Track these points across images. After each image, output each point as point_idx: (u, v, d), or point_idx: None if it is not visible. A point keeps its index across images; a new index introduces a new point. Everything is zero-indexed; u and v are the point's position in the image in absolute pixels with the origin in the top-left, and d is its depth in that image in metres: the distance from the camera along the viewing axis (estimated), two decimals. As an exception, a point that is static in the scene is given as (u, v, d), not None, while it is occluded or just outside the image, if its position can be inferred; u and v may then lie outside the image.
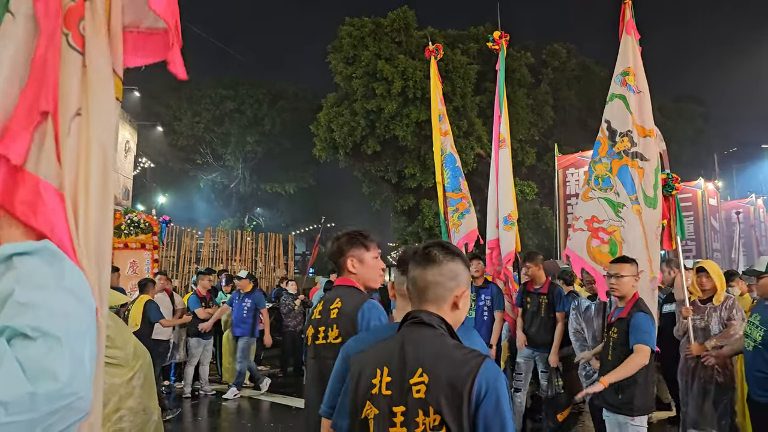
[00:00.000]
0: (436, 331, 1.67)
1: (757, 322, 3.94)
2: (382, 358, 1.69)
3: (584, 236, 4.71)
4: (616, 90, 5.06)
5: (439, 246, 1.76)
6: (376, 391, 1.65)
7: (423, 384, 1.57)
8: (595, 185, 4.86)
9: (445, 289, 1.71)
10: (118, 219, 10.07)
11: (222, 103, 30.21)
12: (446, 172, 7.22)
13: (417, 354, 1.63)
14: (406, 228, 19.03)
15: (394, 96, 16.78)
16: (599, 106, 26.76)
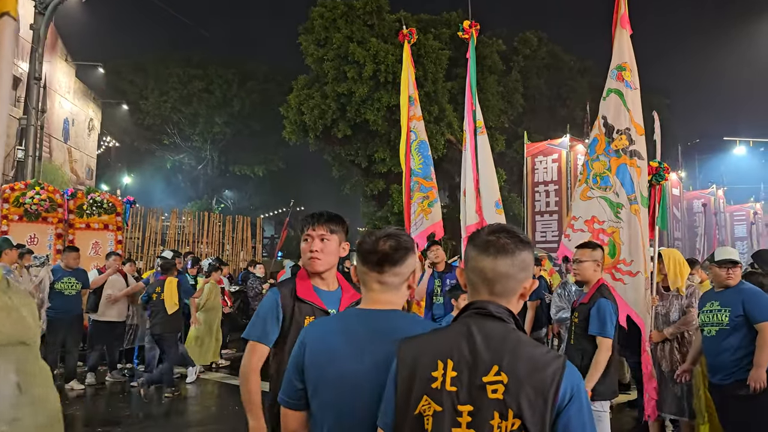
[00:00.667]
0: (507, 326, 1.55)
1: (718, 307, 4.04)
2: (442, 349, 1.53)
3: (584, 237, 4.62)
4: (611, 85, 4.96)
5: (506, 232, 1.61)
6: (437, 386, 1.50)
7: (501, 384, 1.45)
8: (594, 184, 4.78)
9: (516, 281, 1.59)
10: (81, 199, 9.82)
11: (190, 82, 29.65)
12: (419, 158, 7.16)
13: (490, 349, 1.50)
14: (376, 213, 19.03)
15: (365, 80, 16.67)
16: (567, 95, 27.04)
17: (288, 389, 1.87)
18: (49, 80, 19.21)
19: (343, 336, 1.80)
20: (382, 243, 1.83)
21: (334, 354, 1.78)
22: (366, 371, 1.72)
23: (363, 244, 1.88)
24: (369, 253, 1.83)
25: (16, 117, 17.03)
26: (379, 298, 1.85)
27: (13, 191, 9.28)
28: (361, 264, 1.88)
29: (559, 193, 16.37)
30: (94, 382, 7.95)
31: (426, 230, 6.89)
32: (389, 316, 1.83)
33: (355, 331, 1.80)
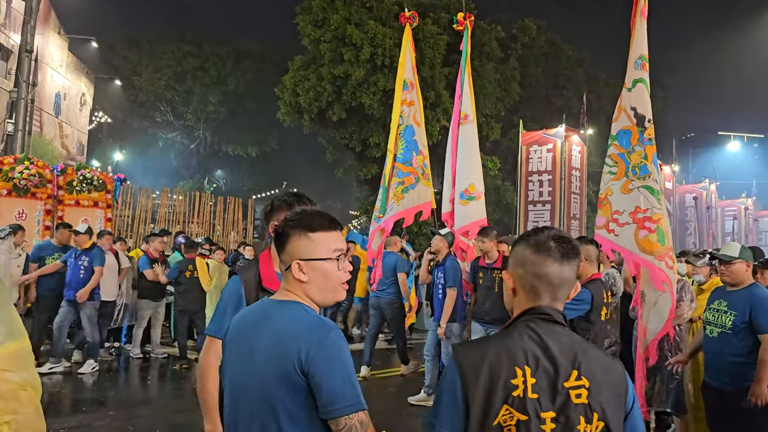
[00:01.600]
0: (567, 329, 1.57)
1: (724, 308, 3.93)
2: (517, 356, 1.49)
3: (631, 229, 4.61)
4: (636, 75, 4.92)
5: (566, 238, 1.63)
6: (519, 393, 1.46)
7: (584, 388, 1.46)
8: (633, 175, 4.74)
9: (571, 286, 1.63)
10: (70, 175, 9.70)
11: (184, 59, 29.31)
12: (402, 143, 7.10)
13: (566, 355, 1.50)
14: (368, 197, 18.95)
15: (362, 62, 16.50)
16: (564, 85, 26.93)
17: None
18: (41, 53, 18.93)
19: (244, 324, 1.80)
20: (281, 223, 1.82)
21: (231, 340, 1.81)
22: (241, 363, 1.75)
23: None
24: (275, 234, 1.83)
25: (7, 89, 16.80)
26: (282, 286, 1.82)
27: (2, 165, 9.14)
28: None
29: (553, 183, 16.34)
30: (81, 360, 7.89)
31: (394, 216, 6.86)
32: (280, 305, 1.76)
33: (251, 318, 1.80)
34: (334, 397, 1.58)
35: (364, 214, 20.76)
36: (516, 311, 1.64)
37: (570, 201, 16.61)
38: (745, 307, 3.79)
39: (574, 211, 16.89)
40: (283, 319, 1.69)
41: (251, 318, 1.78)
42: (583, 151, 17.46)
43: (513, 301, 1.66)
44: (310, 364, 1.59)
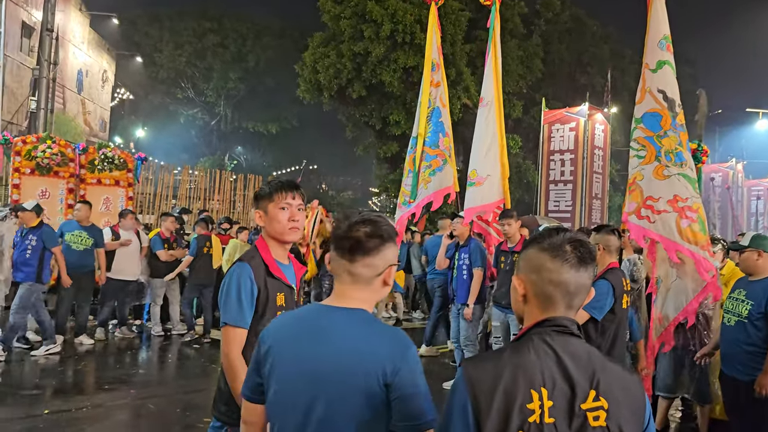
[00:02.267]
0: (583, 342, 1.46)
1: (743, 297, 3.90)
2: (533, 376, 1.38)
3: (672, 217, 4.45)
4: (662, 56, 4.73)
5: (581, 242, 1.51)
6: (536, 419, 1.35)
7: (602, 410, 1.37)
8: (668, 161, 4.56)
9: (587, 293, 1.52)
10: (92, 153, 9.77)
11: (205, 36, 29.29)
12: (429, 126, 7.00)
13: (581, 372, 1.39)
14: (388, 176, 18.88)
15: (382, 39, 16.31)
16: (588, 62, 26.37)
17: (250, 382, 1.75)
18: (62, 30, 19.00)
19: (298, 333, 1.65)
20: (357, 228, 1.64)
21: (284, 352, 1.65)
22: (302, 376, 1.60)
23: (337, 227, 1.68)
24: (341, 238, 1.65)
25: (30, 67, 16.92)
26: (347, 291, 1.67)
27: (24, 144, 9.23)
28: (332, 250, 1.69)
29: (575, 162, 16.10)
30: (104, 338, 8.03)
31: (424, 199, 6.81)
32: (346, 316, 1.64)
33: (310, 330, 1.64)
34: (422, 411, 1.56)
35: (384, 192, 20.71)
36: (527, 320, 1.52)
37: (592, 180, 16.38)
38: (762, 297, 3.77)
39: (596, 191, 16.66)
40: (360, 329, 1.62)
41: (307, 325, 1.66)
42: (607, 130, 17.17)
43: (523, 309, 1.54)
44: (395, 377, 1.54)
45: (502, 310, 5.88)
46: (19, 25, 17.98)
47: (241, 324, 2.32)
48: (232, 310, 2.32)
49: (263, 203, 2.48)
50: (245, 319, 2.32)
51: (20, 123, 16.71)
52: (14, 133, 11.74)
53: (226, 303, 2.34)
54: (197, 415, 5.30)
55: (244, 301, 2.32)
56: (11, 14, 16.64)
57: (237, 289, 2.33)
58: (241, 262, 2.40)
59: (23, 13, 18.18)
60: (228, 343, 2.32)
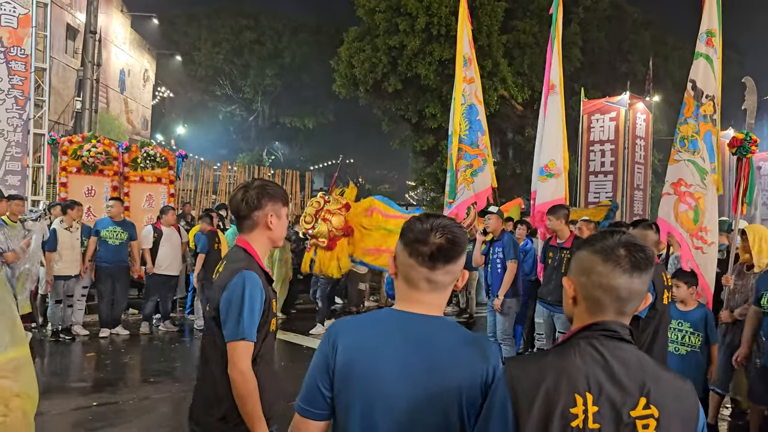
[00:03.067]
0: (635, 348, 1.41)
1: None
2: (577, 380, 1.34)
3: (672, 200, 4.57)
4: (701, 49, 4.79)
5: (637, 246, 1.43)
6: (579, 424, 1.31)
7: (653, 418, 1.31)
8: (681, 147, 4.64)
9: (641, 299, 1.44)
10: (135, 152, 10.00)
11: (242, 33, 29.62)
12: (465, 124, 6.91)
13: (631, 379, 1.34)
14: (425, 169, 18.83)
15: (417, 32, 16.23)
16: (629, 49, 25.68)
17: (311, 397, 1.61)
18: (105, 31, 19.46)
19: (380, 343, 1.57)
20: (438, 235, 1.56)
21: (366, 363, 1.55)
22: (398, 386, 1.52)
23: (412, 232, 1.59)
24: (419, 243, 1.56)
25: (74, 68, 17.41)
26: (425, 299, 1.60)
27: (71, 144, 9.51)
28: (407, 256, 1.59)
29: (615, 153, 15.76)
30: (148, 332, 8.25)
31: (467, 200, 6.72)
32: (433, 324, 1.59)
33: (393, 339, 1.56)
34: None
35: (420, 185, 20.66)
36: (576, 323, 1.47)
37: (634, 171, 16.01)
38: None
39: (638, 182, 16.29)
40: (453, 336, 1.58)
41: (397, 335, 1.57)
42: (649, 119, 16.75)
43: (573, 311, 1.49)
44: (492, 382, 1.52)
45: (547, 306, 5.79)
46: (64, 28, 18.50)
47: (254, 338, 2.23)
48: (247, 324, 2.20)
49: (277, 206, 2.37)
50: (255, 332, 2.23)
51: (66, 123, 17.21)
52: (61, 133, 12.11)
53: (240, 316, 2.20)
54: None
55: (256, 314, 2.23)
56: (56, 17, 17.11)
57: (251, 302, 2.22)
58: (248, 272, 2.26)
59: (68, 16, 18.69)
60: (243, 359, 2.20)
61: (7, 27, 9.43)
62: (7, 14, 9.44)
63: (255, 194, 2.34)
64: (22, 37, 9.57)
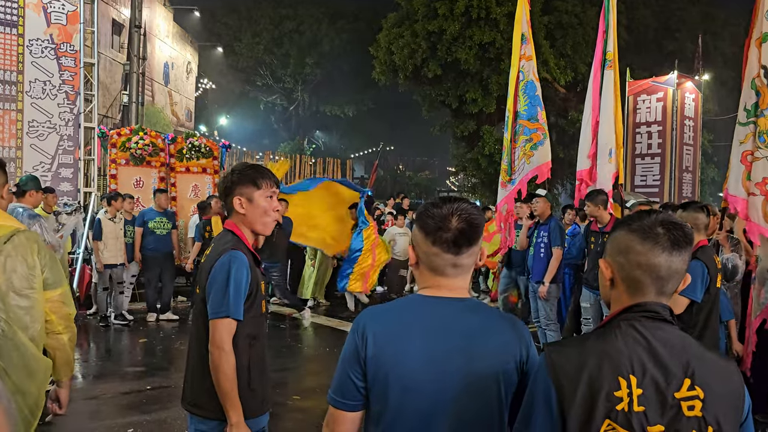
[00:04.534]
0: (678, 330, 1.38)
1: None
2: (620, 363, 1.31)
3: (759, 200, 4.30)
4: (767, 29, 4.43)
5: (675, 224, 1.41)
6: (624, 407, 1.29)
7: (698, 399, 1.29)
8: (761, 143, 4.34)
9: (681, 278, 1.41)
10: (180, 143, 10.23)
11: (281, 23, 29.81)
12: (524, 99, 6.79)
13: (677, 360, 1.32)
14: (466, 154, 18.69)
15: (456, 16, 16.06)
16: (677, 27, 24.78)
17: (343, 388, 1.58)
18: (149, 25, 19.86)
19: (410, 329, 1.55)
20: (457, 219, 1.54)
21: (397, 350, 1.52)
22: (432, 372, 1.50)
23: (432, 219, 1.56)
24: (441, 230, 1.54)
25: (120, 62, 17.84)
26: (452, 284, 1.59)
27: (119, 136, 9.78)
28: (430, 245, 1.56)
29: (663, 134, 15.33)
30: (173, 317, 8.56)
31: (528, 174, 6.62)
32: (463, 306, 1.58)
33: (423, 324, 1.55)
34: None
35: (461, 171, 20.52)
36: (614, 306, 1.44)
37: (682, 153, 15.56)
38: None
39: (687, 164, 15.82)
40: (485, 318, 1.58)
41: (429, 320, 1.55)
42: (698, 99, 16.22)
43: (610, 294, 1.47)
44: (528, 360, 1.54)
45: (593, 291, 5.76)
46: (110, 23, 18.94)
47: (238, 316, 2.22)
48: (232, 302, 2.21)
49: (247, 190, 2.33)
50: (241, 311, 2.23)
51: (114, 116, 17.69)
52: (109, 126, 12.47)
53: (225, 294, 2.21)
54: (286, 392, 5.51)
55: (242, 293, 2.24)
56: (102, 13, 17.54)
57: (236, 280, 2.22)
58: (234, 251, 2.26)
59: (113, 11, 19.13)
60: (224, 336, 2.20)
61: (57, 24, 9.73)
62: (57, 11, 9.73)
63: (224, 180, 2.38)
64: (72, 33, 9.86)
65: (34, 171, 9.41)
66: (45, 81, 9.63)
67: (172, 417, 4.96)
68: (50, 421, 4.73)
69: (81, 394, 5.39)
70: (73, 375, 6.05)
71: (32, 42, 9.55)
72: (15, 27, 9.45)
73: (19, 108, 9.44)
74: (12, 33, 9.42)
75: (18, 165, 9.41)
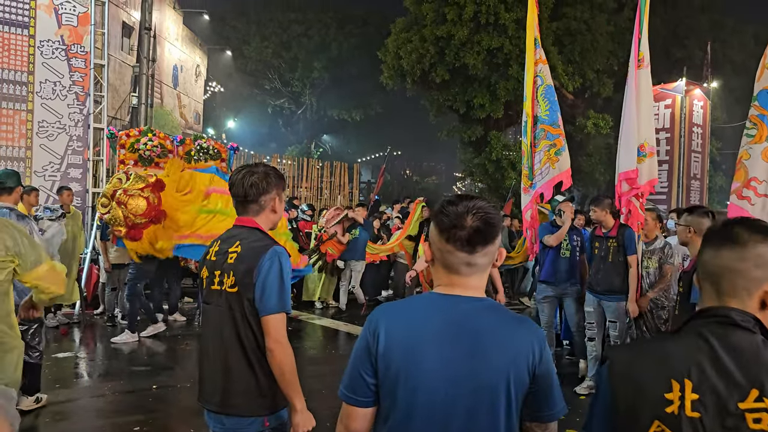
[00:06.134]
0: (756, 337, 1.28)
1: None
2: (675, 367, 1.28)
3: (759, 202, 4.30)
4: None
5: (743, 223, 1.36)
6: (674, 410, 1.26)
7: (766, 413, 1.20)
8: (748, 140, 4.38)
9: (747, 279, 1.31)
10: (189, 145, 10.25)
11: (290, 27, 29.94)
12: (545, 104, 6.72)
13: (743, 368, 1.24)
14: (473, 159, 18.68)
15: (465, 22, 16.08)
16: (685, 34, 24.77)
17: (354, 384, 1.59)
18: (158, 28, 19.99)
19: (422, 326, 1.55)
20: (473, 218, 1.53)
21: (409, 347, 1.53)
22: (442, 370, 1.50)
23: (447, 216, 1.55)
24: (455, 228, 1.53)
25: (130, 65, 17.96)
26: (466, 282, 1.58)
27: (128, 138, 9.82)
28: (444, 242, 1.55)
29: (671, 141, 15.33)
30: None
31: (553, 179, 6.54)
32: (476, 305, 1.57)
33: (435, 322, 1.54)
34: (558, 399, 1.57)
35: (468, 176, 20.51)
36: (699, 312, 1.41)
37: (690, 160, 15.54)
38: None
39: (695, 171, 15.80)
40: (499, 318, 1.57)
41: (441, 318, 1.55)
42: (706, 106, 16.20)
43: (700, 301, 1.43)
44: (540, 363, 1.54)
45: (596, 295, 5.77)
46: (119, 26, 19.08)
47: (291, 311, 2.30)
48: (286, 297, 2.26)
49: (281, 190, 2.43)
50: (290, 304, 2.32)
51: (123, 118, 17.80)
52: (118, 128, 12.52)
53: (281, 290, 2.25)
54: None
55: (289, 286, 2.30)
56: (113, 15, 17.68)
57: (287, 274, 2.28)
58: (279, 246, 2.32)
59: (123, 13, 19.27)
60: (283, 331, 2.26)
61: (68, 25, 9.81)
62: (68, 13, 9.81)
63: (262, 178, 2.37)
64: (82, 35, 9.93)
65: (44, 171, 9.49)
66: (55, 82, 9.70)
67: (178, 416, 4.98)
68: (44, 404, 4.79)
69: (88, 393, 5.41)
70: (79, 372, 6.09)
71: (43, 43, 9.62)
72: (26, 28, 9.53)
73: (29, 108, 9.51)
74: (23, 34, 9.50)
75: (27, 165, 9.48)
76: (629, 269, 5.53)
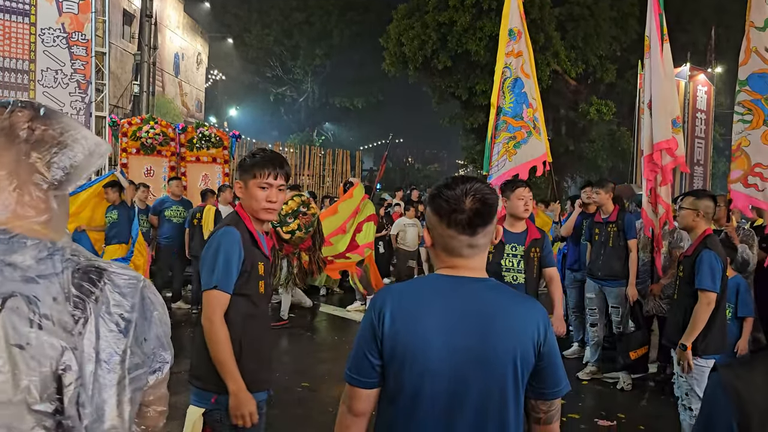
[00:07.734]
0: None
1: None
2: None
3: None
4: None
5: None
6: None
7: None
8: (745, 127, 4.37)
9: None
10: (191, 133, 10.26)
11: (291, 14, 29.78)
12: (510, 96, 6.72)
13: None
14: (475, 146, 18.68)
15: (467, 7, 16.00)
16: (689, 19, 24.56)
17: (359, 365, 1.58)
18: (159, 16, 19.90)
19: (427, 307, 1.54)
20: (471, 200, 1.52)
21: (414, 328, 1.51)
22: (447, 350, 1.49)
23: (445, 201, 1.54)
24: (455, 212, 1.52)
25: (131, 53, 17.90)
26: (468, 264, 1.58)
27: (130, 126, 9.83)
28: (445, 227, 1.55)
29: (675, 127, 15.24)
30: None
31: (508, 172, 6.52)
32: (480, 285, 1.58)
33: (440, 302, 1.54)
34: (562, 376, 1.59)
35: (471, 164, 20.49)
36: None
37: (694, 146, 15.47)
38: None
39: (699, 157, 15.73)
40: (504, 297, 1.59)
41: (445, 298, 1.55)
42: (710, 92, 16.09)
43: None
44: (545, 341, 1.54)
45: (597, 281, 5.75)
46: (120, 13, 19.01)
47: (228, 289, 2.27)
48: (220, 273, 2.26)
49: (245, 176, 2.40)
50: (231, 284, 2.27)
51: (125, 106, 17.76)
52: (120, 116, 12.51)
53: (214, 266, 2.27)
54: (296, 379, 5.53)
55: (232, 266, 2.28)
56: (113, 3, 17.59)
57: (225, 253, 2.27)
58: (228, 227, 2.34)
59: (124, 1, 19.19)
60: (214, 308, 2.26)
61: (69, 13, 9.78)
62: (69, 1, 9.78)
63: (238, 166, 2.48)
64: (83, 22, 9.90)
65: (46, 159, 9.50)
66: (57, 70, 9.69)
67: (182, 402, 5.00)
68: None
69: (92, 379, 5.45)
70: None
71: (44, 31, 9.60)
72: (27, 16, 9.51)
73: (30, 96, 9.50)
74: (24, 22, 9.48)
75: (30, 153, 9.49)
76: (629, 253, 5.51)
